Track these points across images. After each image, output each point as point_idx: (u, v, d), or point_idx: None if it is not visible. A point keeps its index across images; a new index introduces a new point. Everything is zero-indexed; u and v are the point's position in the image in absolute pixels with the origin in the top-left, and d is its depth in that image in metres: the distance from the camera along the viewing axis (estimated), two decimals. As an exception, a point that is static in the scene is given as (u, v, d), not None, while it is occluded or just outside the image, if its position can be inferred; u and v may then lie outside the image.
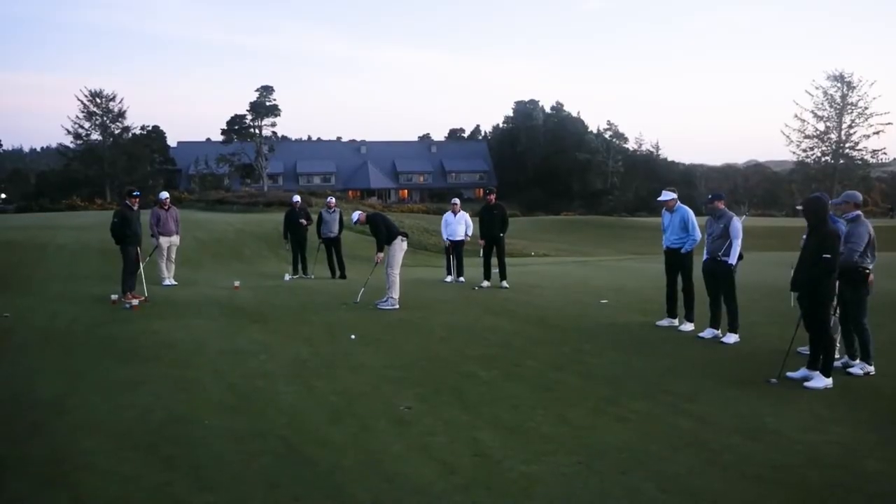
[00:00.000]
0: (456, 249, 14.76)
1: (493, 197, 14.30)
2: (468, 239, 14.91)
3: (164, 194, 14.79)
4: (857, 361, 7.37)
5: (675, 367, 7.64)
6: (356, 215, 11.83)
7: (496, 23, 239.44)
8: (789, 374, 7.03)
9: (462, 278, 14.64)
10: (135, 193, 12.64)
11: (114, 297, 11.62)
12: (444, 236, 15.02)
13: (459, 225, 14.70)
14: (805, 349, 7.34)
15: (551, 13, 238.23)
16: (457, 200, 15.42)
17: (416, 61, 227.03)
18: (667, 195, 9.69)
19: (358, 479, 4.70)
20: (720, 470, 4.85)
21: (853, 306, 7.32)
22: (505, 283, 13.71)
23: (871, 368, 7.25)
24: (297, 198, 18.06)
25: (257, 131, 77.49)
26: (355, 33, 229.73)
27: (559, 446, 5.29)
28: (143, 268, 14.21)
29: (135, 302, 11.24)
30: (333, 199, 17.27)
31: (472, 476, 4.76)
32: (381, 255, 11.41)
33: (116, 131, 73.05)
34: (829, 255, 6.65)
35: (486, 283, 13.87)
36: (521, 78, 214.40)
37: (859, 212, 7.44)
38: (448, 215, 14.98)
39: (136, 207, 12.42)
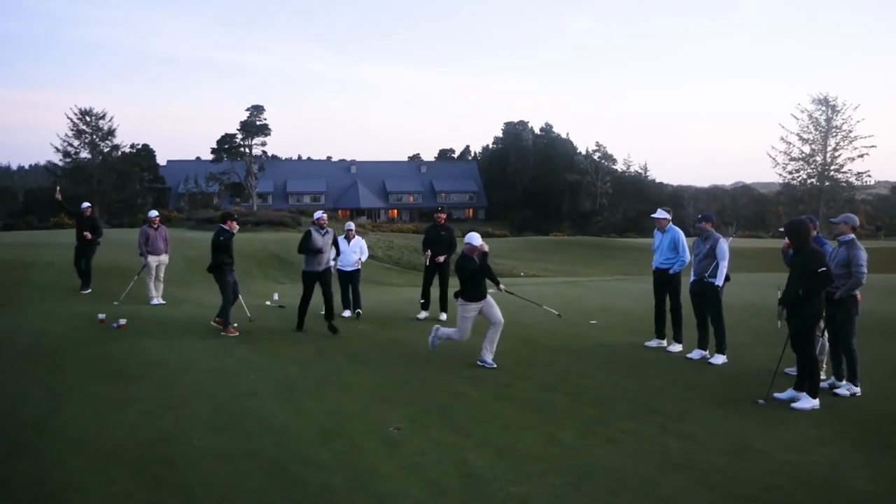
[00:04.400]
0: (351, 280, 12.70)
1: (442, 216, 12.56)
2: (360, 265, 12.89)
3: (154, 213, 14.77)
4: (844, 382, 7.44)
5: (664, 387, 7.67)
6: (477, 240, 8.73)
7: (485, 44, 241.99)
8: (777, 394, 7.08)
9: (360, 311, 12.58)
10: (237, 217, 11.69)
11: (101, 316, 11.53)
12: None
13: (353, 253, 12.69)
14: (792, 370, 7.40)
15: (541, 34, 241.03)
16: (351, 225, 13.14)
17: (406, 82, 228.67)
18: (661, 213, 9.77)
19: (347, 500, 4.69)
20: (709, 490, 4.88)
21: (842, 327, 7.39)
22: (444, 316, 12.15)
23: (858, 389, 7.31)
24: (85, 204, 15.72)
25: (247, 150, 77.65)
26: (346, 53, 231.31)
27: (549, 467, 5.30)
28: (130, 287, 14.17)
29: (126, 316, 11.10)
30: (324, 216, 11.56)
31: (462, 497, 4.76)
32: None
33: (106, 149, 72.78)
34: (824, 269, 6.71)
35: (423, 314, 12.27)
36: (511, 99, 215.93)
37: (853, 235, 7.54)
38: (341, 242, 12.28)
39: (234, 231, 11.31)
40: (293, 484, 4.94)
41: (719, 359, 8.79)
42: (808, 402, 6.81)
